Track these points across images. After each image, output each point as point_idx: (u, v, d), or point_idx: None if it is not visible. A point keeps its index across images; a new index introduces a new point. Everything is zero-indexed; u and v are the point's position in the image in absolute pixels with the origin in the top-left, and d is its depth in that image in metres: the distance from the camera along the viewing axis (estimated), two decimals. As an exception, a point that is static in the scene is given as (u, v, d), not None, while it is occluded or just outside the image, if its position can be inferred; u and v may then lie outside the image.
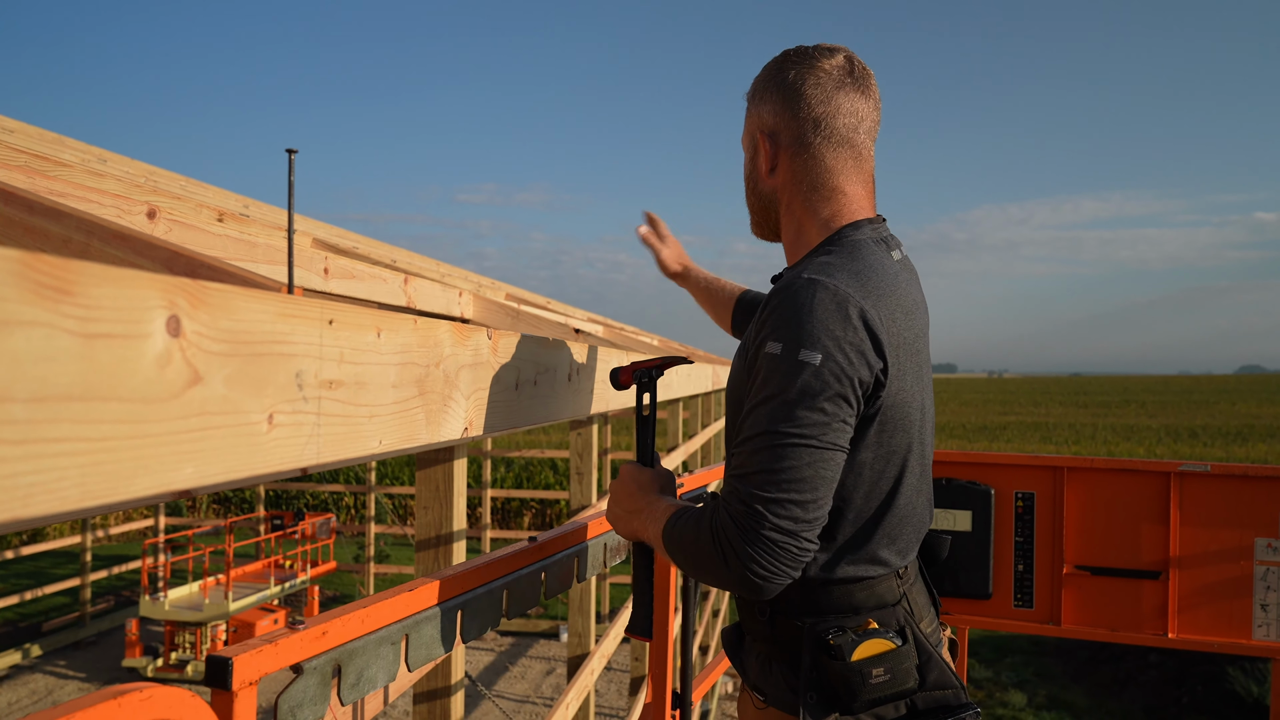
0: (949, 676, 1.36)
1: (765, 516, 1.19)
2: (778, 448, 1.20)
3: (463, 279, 4.34)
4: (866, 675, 1.28)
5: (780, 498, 1.19)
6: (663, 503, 1.43)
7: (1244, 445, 23.83)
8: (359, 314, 0.89)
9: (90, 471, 0.55)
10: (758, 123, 1.47)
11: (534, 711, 7.29)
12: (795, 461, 1.20)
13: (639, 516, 1.46)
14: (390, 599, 1.06)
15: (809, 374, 1.20)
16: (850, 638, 1.30)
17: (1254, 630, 2.91)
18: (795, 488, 1.20)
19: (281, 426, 0.75)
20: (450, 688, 2.17)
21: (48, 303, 0.50)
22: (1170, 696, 7.05)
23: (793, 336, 1.22)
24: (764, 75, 1.47)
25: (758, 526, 1.19)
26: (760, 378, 1.25)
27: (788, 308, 1.25)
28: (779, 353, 1.23)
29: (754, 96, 1.48)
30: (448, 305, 2.74)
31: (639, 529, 1.47)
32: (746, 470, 1.22)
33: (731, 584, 1.23)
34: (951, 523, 3.13)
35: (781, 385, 1.21)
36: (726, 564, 1.21)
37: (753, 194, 1.52)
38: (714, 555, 1.22)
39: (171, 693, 0.66)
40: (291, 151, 0.89)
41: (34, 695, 7.68)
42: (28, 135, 2.18)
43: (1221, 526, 2.95)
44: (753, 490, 1.20)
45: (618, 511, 1.53)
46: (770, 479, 1.20)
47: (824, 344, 1.21)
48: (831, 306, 1.23)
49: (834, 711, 1.31)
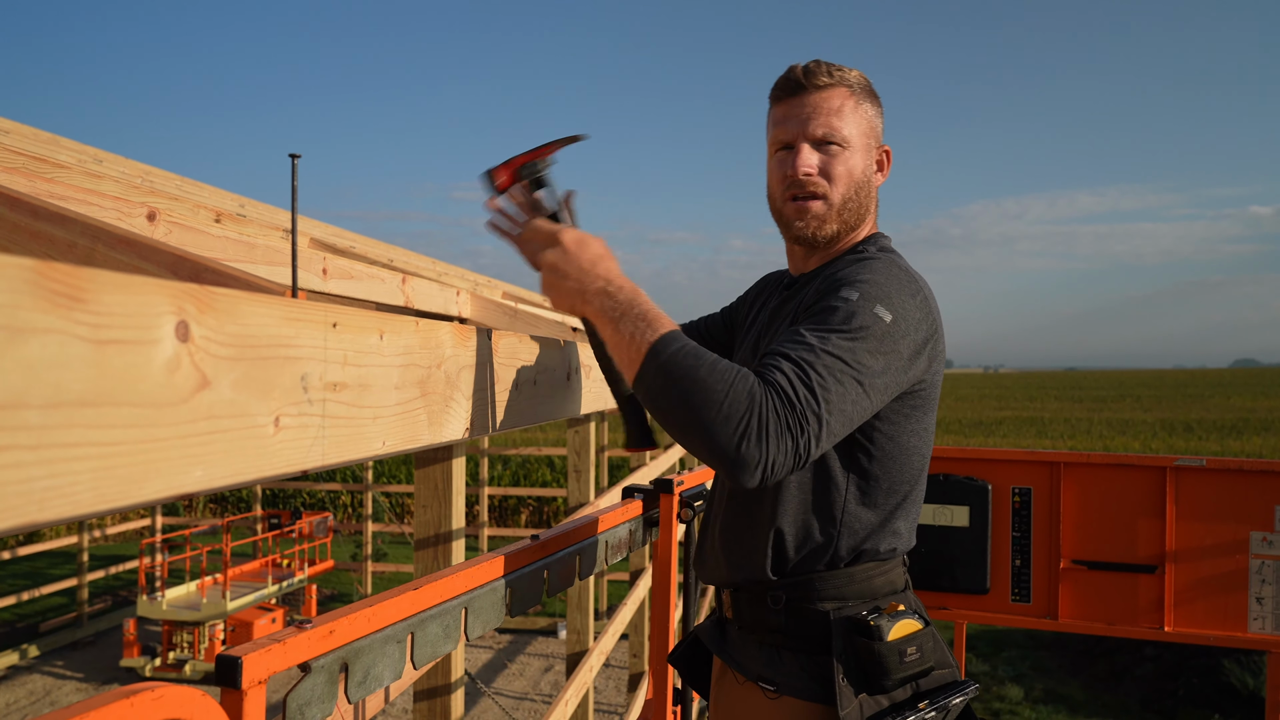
0: (949, 657, 1.45)
1: (813, 422, 1.16)
2: (839, 373, 1.21)
3: (460, 277, 4.35)
4: (903, 654, 1.35)
5: (826, 412, 1.18)
6: (641, 298, 1.27)
7: (1239, 439, 23.91)
8: (362, 317, 0.89)
9: (103, 475, 0.55)
10: (873, 125, 1.52)
11: (533, 708, 7.31)
12: (851, 394, 1.22)
13: (601, 298, 1.27)
14: (396, 598, 1.07)
15: (881, 326, 1.28)
16: (886, 619, 1.36)
17: (1249, 623, 2.93)
18: (840, 411, 1.21)
19: (287, 429, 0.76)
20: (450, 685, 2.18)
21: (61, 310, 0.51)
22: (1166, 689, 7.09)
23: (869, 292, 1.30)
24: (863, 82, 1.50)
25: (802, 426, 1.15)
26: (825, 315, 1.28)
27: (865, 270, 1.35)
28: (855, 298, 1.29)
29: (861, 97, 1.49)
30: (445, 305, 2.74)
31: (597, 309, 1.27)
32: (810, 373, 1.18)
33: (727, 452, 1.13)
34: (949, 518, 3.14)
35: (855, 324, 1.26)
36: (742, 439, 1.12)
37: (856, 190, 1.48)
38: (734, 420, 1.12)
39: (182, 692, 0.67)
40: (295, 156, 0.89)
41: (32, 696, 7.68)
42: (23, 135, 2.19)
43: (1217, 521, 2.97)
44: (812, 393, 1.17)
45: (569, 282, 1.29)
46: (830, 393, 1.19)
47: (894, 306, 1.30)
48: (905, 280, 1.36)
49: (863, 692, 1.35)
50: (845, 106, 1.46)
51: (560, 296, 1.30)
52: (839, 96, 1.46)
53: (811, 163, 1.45)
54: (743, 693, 1.50)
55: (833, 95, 1.46)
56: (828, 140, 1.45)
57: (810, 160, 1.45)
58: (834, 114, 1.45)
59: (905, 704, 1.37)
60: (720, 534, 1.52)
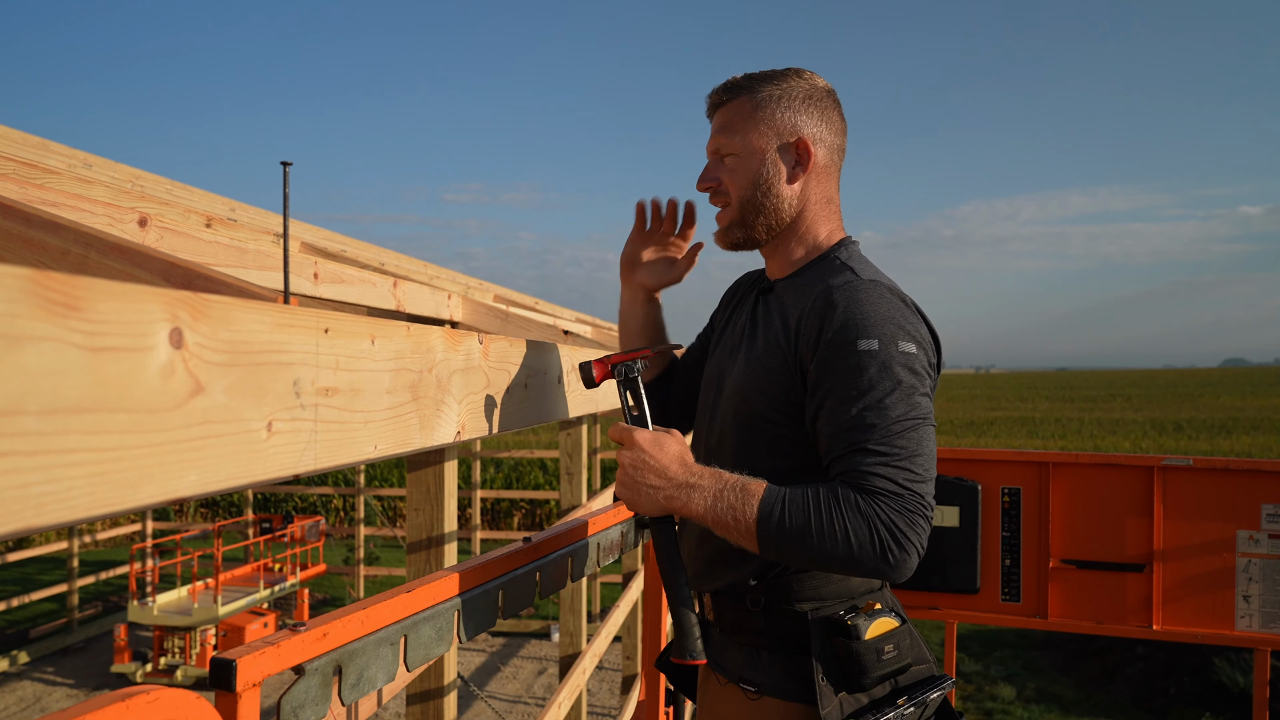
0: (925, 652, 1.47)
1: (923, 499, 1.26)
2: (911, 431, 1.28)
3: (450, 280, 4.35)
4: (880, 652, 1.36)
5: (927, 478, 1.27)
6: (724, 476, 1.32)
7: (1229, 438, 24.03)
8: (354, 322, 0.90)
9: (99, 480, 0.56)
10: (785, 129, 1.47)
11: (526, 711, 7.30)
12: (929, 443, 1.30)
13: (685, 490, 1.32)
14: (389, 600, 1.07)
15: (913, 362, 1.31)
16: (863, 618, 1.38)
17: (1236, 621, 2.96)
18: (932, 466, 1.30)
19: (280, 434, 0.77)
20: (443, 689, 2.18)
21: (57, 318, 0.52)
22: (1158, 688, 7.12)
23: (886, 332, 1.31)
24: (790, 85, 1.48)
25: (923, 509, 1.25)
26: (861, 374, 1.30)
27: (868, 306, 1.34)
28: (877, 348, 1.30)
29: (765, 103, 1.47)
30: (437, 308, 2.75)
31: (684, 504, 1.32)
32: (892, 454, 1.26)
33: (881, 574, 1.24)
34: (939, 518, 3.16)
35: (894, 375, 1.29)
36: (887, 551, 1.22)
37: (755, 193, 1.48)
38: (870, 542, 1.22)
39: (177, 694, 0.67)
40: (286, 164, 0.90)
41: (22, 702, 7.64)
42: (12, 140, 2.19)
43: (1204, 520, 2.99)
44: (910, 472, 1.26)
45: (649, 486, 1.34)
46: (918, 462, 1.27)
47: (911, 335, 1.33)
48: (900, 304, 1.37)
49: (843, 691, 1.37)
50: (737, 118, 1.50)
51: (637, 497, 1.36)
52: (733, 110, 1.50)
53: (707, 176, 1.54)
54: (725, 694, 1.52)
55: (729, 109, 1.51)
56: (721, 154, 1.52)
57: (707, 174, 1.54)
58: (726, 129, 1.51)
59: (884, 701, 1.39)
60: (699, 539, 1.52)
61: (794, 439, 1.40)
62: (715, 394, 1.57)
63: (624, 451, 1.38)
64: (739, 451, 1.46)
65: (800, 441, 1.39)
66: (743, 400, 1.46)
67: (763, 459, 1.42)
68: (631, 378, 1.48)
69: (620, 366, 1.49)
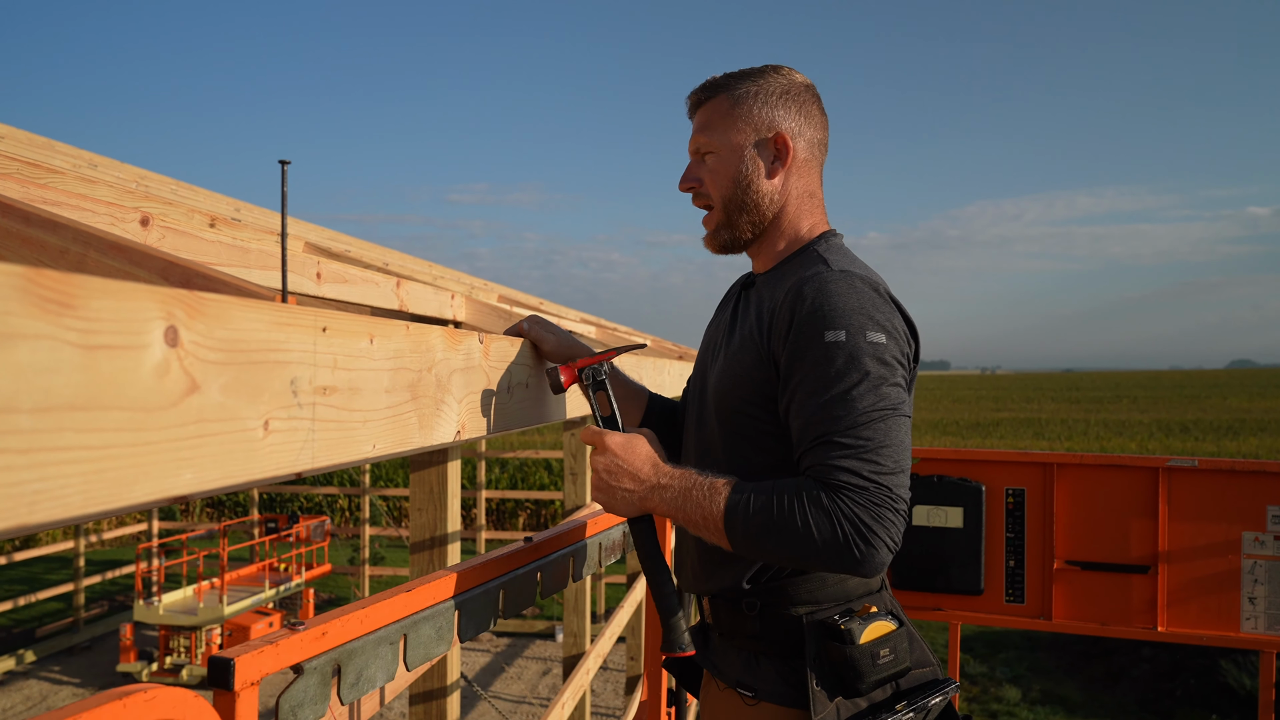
0: (928, 655, 1.45)
1: (892, 491, 1.23)
2: (879, 422, 1.26)
3: (455, 281, 4.35)
4: (875, 656, 1.34)
5: (895, 469, 1.25)
6: (693, 476, 1.34)
7: (1235, 440, 23.93)
8: (352, 321, 0.90)
9: (93, 479, 0.56)
10: (763, 125, 1.48)
11: (530, 712, 7.31)
12: (899, 434, 1.27)
13: (657, 491, 1.35)
14: (388, 599, 1.07)
15: (882, 352, 1.29)
16: (857, 622, 1.36)
17: (1242, 623, 2.94)
18: (904, 457, 1.27)
19: (277, 433, 0.77)
20: (446, 688, 2.18)
21: (50, 316, 0.52)
22: (1163, 690, 7.10)
23: (854, 322, 1.29)
24: (767, 81, 1.49)
25: (891, 502, 1.23)
26: (828, 365, 1.28)
27: (836, 297, 1.32)
28: (844, 339, 1.28)
29: (741, 100, 1.48)
30: (440, 308, 2.75)
31: (656, 505, 1.36)
32: (857, 446, 1.24)
33: (849, 566, 1.23)
34: (943, 519, 3.15)
35: (862, 365, 1.27)
36: (851, 545, 1.20)
37: (736, 190, 1.48)
38: (833, 537, 1.21)
39: (175, 693, 0.67)
40: (284, 163, 0.90)
41: (29, 701, 7.66)
42: (18, 141, 2.19)
43: (1209, 521, 2.98)
44: (877, 464, 1.24)
45: (624, 490, 1.38)
46: (886, 453, 1.25)
47: (881, 325, 1.30)
48: (872, 293, 1.34)
49: (839, 695, 1.36)
50: (715, 116, 1.50)
51: (613, 500, 1.39)
52: (711, 108, 1.51)
53: (689, 177, 1.54)
54: (724, 698, 1.51)
55: (708, 108, 1.52)
56: (702, 152, 1.53)
57: (689, 174, 1.54)
58: (705, 127, 1.52)
59: (883, 705, 1.37)
60: (696, 542, 1.52)
61: (776, 434, 1.39)
62: (700, 393, 1.57)
63: (596, 456, 1.39)
64: (727, 449, 1.45)
65: (783, 436, 1.38)
66: (723, 397, 1.45)
67: (751, 455, 1.42)
68: (600, 380, 1.47)
69: (587, 370, 1.48)
